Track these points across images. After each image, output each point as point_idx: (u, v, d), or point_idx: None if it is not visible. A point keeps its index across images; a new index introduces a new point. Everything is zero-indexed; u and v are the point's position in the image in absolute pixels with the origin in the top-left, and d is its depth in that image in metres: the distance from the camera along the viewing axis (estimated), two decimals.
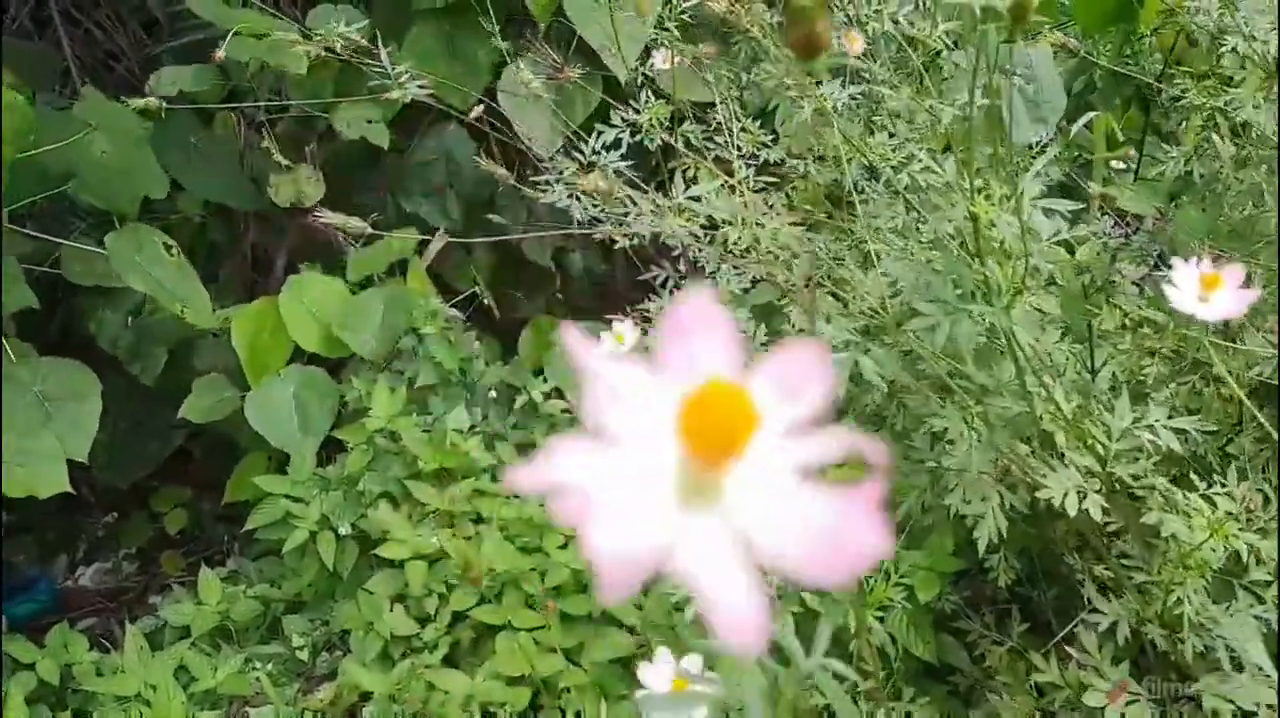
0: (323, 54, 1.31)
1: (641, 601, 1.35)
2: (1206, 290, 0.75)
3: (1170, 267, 0.77)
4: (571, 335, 0.28)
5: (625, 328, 1.31)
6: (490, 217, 1.46)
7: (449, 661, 1.36)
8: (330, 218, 1.13)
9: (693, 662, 0.87)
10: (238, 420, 1.71)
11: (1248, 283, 0.75)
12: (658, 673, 0.87)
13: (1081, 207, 0.94)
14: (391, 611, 1.39)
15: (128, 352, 1.86)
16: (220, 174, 1.96)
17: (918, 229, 1.12)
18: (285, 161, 1.80)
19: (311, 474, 1.54)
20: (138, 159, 1.74)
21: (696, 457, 0.26)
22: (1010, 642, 1.18)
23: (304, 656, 1.42)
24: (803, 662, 0.47)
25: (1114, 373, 1.14)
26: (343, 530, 1.43)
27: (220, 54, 1.61)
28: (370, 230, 1.16)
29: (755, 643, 0.23)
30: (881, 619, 1.20)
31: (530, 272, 2.12)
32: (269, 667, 1.39)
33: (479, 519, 1.46)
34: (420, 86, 1.26)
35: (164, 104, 1.46)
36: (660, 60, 1.30)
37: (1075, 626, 1.08)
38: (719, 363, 0.28)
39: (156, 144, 1.80)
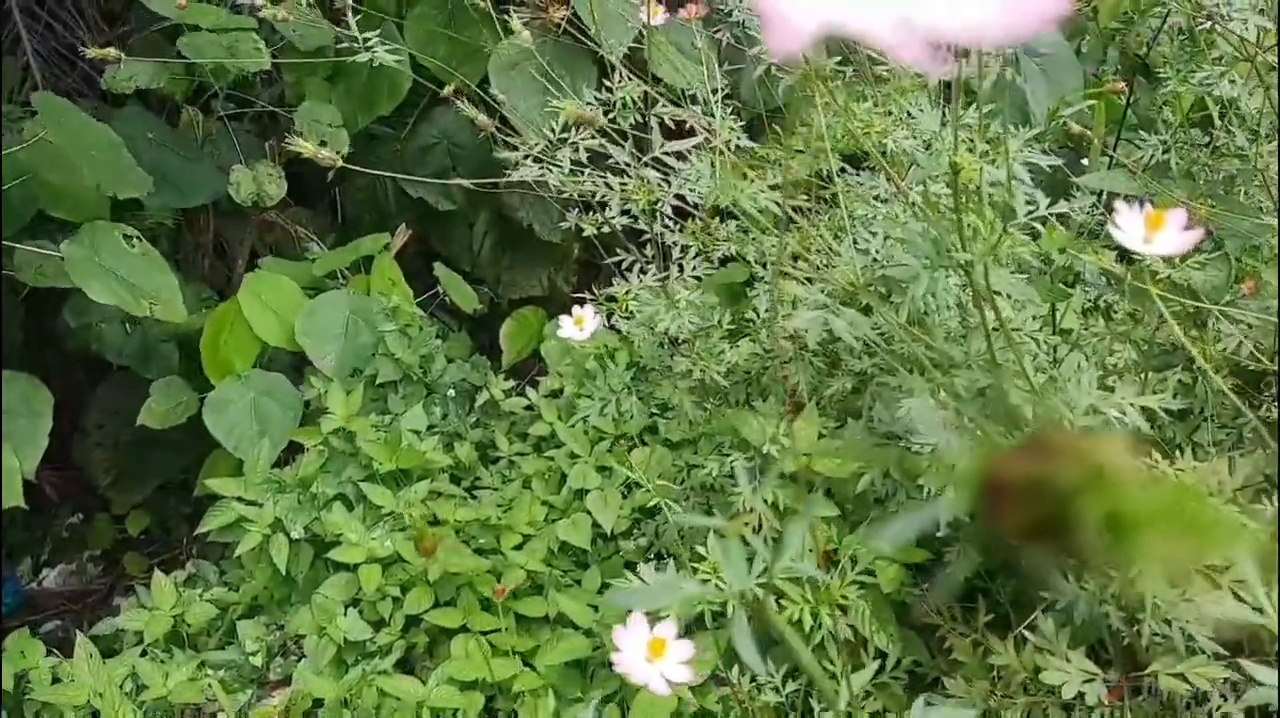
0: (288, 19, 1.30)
1: (597, 602, 1.33)
2: (1151, 231, 0.75)
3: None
4: None
5: (585, 312, 1.30)
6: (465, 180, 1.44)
7: (404, 665, 1.34)
8: (301, 145, 1.11)
9: (667, 626, 0.86)
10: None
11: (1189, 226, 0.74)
12: (633, 636, 0.86)
13: (1059, 162, 0.92)
14: (345, 615, 1.36)
15: (137, 358, 1.81)
16: (185, 173, 1.92)
17: (899, 196, 1.09)
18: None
19: (266, 476, 1.51)
20: (104, 161, 1.68)
21: None
22: (974, 634, 1.16)
23: (258, 661, 1.39)
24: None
25: (1079, 361, 1.11)
26: (295, 534, 1.41)
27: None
28: (341, 163, 1.14)
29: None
30: (844, 611, 1.18)
31: (532, 254, 2.08)
32: (222, 673, 1.37)
33: (435, 522, 1.43)
34: (392, 54, 1.23)
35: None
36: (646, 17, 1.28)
37: (1035, 617, 1.06)
38: None
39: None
